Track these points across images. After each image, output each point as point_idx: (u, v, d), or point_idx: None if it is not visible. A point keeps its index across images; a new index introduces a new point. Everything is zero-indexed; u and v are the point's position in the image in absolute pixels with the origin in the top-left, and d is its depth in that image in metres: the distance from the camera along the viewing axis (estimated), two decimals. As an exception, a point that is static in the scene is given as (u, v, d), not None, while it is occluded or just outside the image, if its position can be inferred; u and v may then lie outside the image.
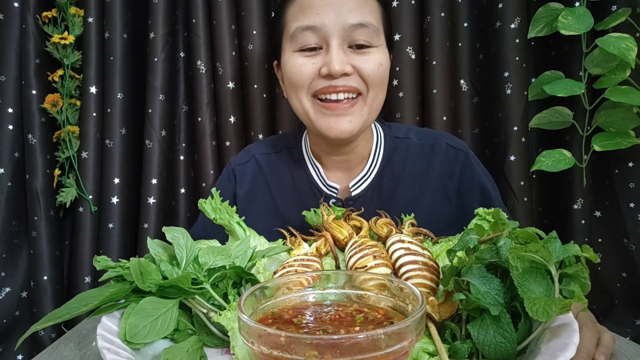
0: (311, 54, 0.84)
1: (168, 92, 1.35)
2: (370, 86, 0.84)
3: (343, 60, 0.81)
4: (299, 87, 0.85)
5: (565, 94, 1.18)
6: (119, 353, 0.49)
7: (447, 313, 0.53)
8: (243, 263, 0.64)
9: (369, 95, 0.85)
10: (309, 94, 0.85)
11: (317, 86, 0.83)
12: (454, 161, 0.94)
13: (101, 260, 0.59)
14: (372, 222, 0.72)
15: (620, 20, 1.14)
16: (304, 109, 0.87)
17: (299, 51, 0.84)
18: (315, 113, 0.86)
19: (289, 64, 0.85)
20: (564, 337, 0.44)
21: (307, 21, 0.82)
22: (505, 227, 0.53)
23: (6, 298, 1.32)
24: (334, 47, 0.81)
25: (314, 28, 0.81)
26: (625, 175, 1.23)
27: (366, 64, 0.83)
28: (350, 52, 0.83)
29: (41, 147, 1.31)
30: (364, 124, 0.87)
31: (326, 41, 0.82)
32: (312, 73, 0.83)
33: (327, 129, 0.85)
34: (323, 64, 0.82)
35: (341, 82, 0.82)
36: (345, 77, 0.82)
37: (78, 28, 1.34)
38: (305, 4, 0.83)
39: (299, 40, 0.83)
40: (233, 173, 1.03)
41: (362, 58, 0.83)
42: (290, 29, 0.84)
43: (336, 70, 0.80)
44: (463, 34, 1.34)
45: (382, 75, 0.85)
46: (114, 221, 1.32)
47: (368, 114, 0.86)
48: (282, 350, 0.39)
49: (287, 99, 0.92)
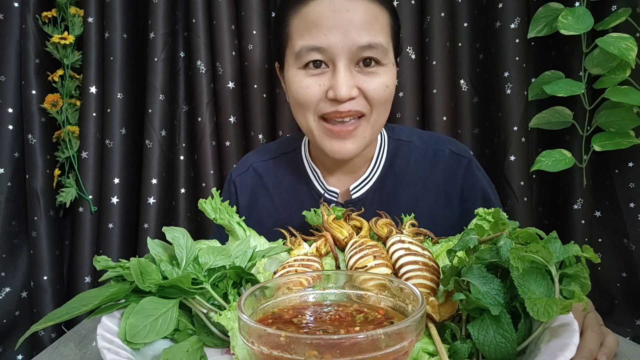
0: (316, 72, 0.82)
1: (168, 92, 1.35)
2: (375, 107, 0.83)
3: (349, 84, 0.80)
4: (305, 108, 0.84)
5: (565, 94, 1.18)
6: (119, 353, 0.49)
7: (447, 313, 0.53)
8: (243, 263, 0.64)
9: (372, 117, 0.84)
10: (315, 115, 0.84)
11: (324, 110, 0.82)
12: (457, 167, 0.94)
13: (101, 260, 0.59)
14: (372, 223, 0.72)
15: (620, 20, 1.14)
16: (309, 128, 0.86)
17: (304, 69, 0.83)
18: (319, 134, 0.86)
19: (294, 82, 0.84)
20: (564, 337, 0.44)
21: (313, 41, 0.80)
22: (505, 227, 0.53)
23: (6, 298, 1.32)
24: (341, 70, 0.79)
25: (321, 49, 0.79)
26: (625, 175, 1.23)
27: (372, 85, 0.81)
28: (357, 72, 0.81)
29: (41, 147, 1.31)
30: (367, 144, 0.87)
31: (333, 62, 0.80)
32: (319, 95, 0.82)
33: (331, 151, 0.85)
34: (329, 86, 0.81)
35: (347, 107, 0.81)
36: (351, 100, 0.81)
37: (78, 28, 1.34)
38: (311, 21, 0.80)
39: (304, 59, 0.81)
40: (234, 184, 1.03)
41: (369, 79, 0.81)
42: (295, 46, 0.82)
43: (342, 96, 0.79)
44: (463, 34, 1.34)
45: (387, 98, 0.84)
46: (114, 221, 1.32)
47: (371, 134, 0.86)
48: (282, 350, 0.39)
49: (291, 110, 0.91)
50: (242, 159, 1.08)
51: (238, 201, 1.02)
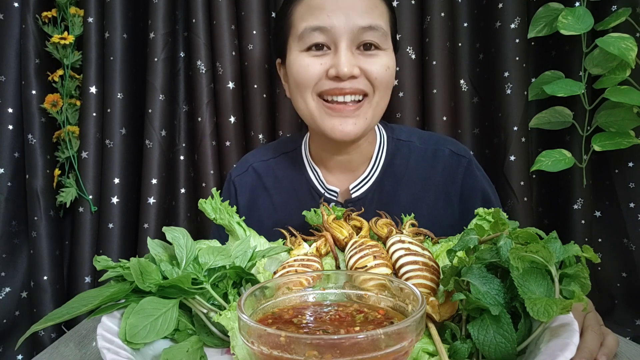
0: (319, 53, 0.83)
1: (168, 92, 1.35)
2: (377, 88, 0.84)
3: (352, 62, 0.81)
4: (304, 86, 0.85)
5: (565, 94, 1.18)
6: (119, 353, 0.49)
7: (447, 313, 0.53)
8: (243, 263, 0.64)
9: (375, 98, 0.85)
10: (314, 93, 0.85)
11: (324, 87, 0.83)
12: (457, 167, 0.94)
13: (101, 260, 0.59)
14: (372, 223, 0.72)
15: (620, 20, 1.14)
16: (309, 109, 0.86)
17: (307, 51, 0.84)
18: (320, 114, 0.86)
19: (295, 63, 0.85)
20: (564, 337, 0.44)
21: (316, 22, 0.82)
22: (505, 227, 0.53)
23: (6, 298, 1.32)
24: (343, 49, 0.81)
25: (324, 29, 0.81)
26: (625, 175, 1.23)
27: (374, 66, 0.83)
28: (358, 54, 0.83)
29: (41, 147, 1.31)
30: (368, 127, 0.87)
31: (335, 42, 0.82)
32: (319, 73, 0.83)
33: (332, 131, 0.85)
34: (331, 65, 0.82)
35: (348, 85, 0.82)
36: (353, 79, 0.82)
37: (78, 28, 1.34)
38: (314, 5, 0.83)
39: (307, 40, 0.83)
40: (233, 185, 1.03)
41: (370, 60, 0.83)
42: (299, 29, 0.84)
43: (344, 73, 0.80)
44: (463, 34, 1.34)
45: (388, 79, 0.86)
46: (114, 221, 1.32)
47: (372, 116, 0.87)
48: (282, 350, 0.39)
49: (290, 97, 0.92)
50: (241, 159, 1.08)
51: (238, 201, 1.02)
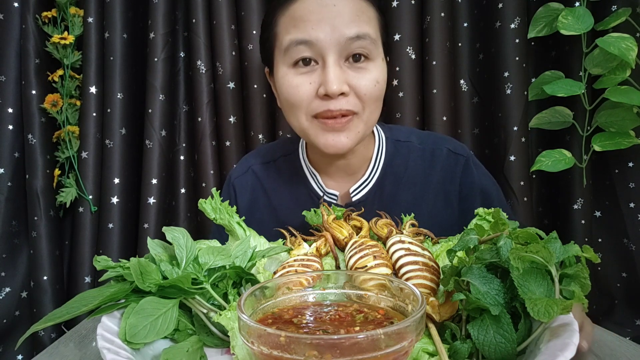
0: (306, 70, 0.81)
1: (168, 92, 1.35)
2: (367, 104, 0.83)
3: (340, 78, 0.79)
4: (297, 108, 0.83)
5: (565, 94, 1.18)
6: (119, 353, 0.49)
7: (447, 313, 0.53)
8: (243, 263, 0.64)
9: (365, 113, 0.84)
10: (308, 114, 0.83)
11: (316, 109, 0.82)
12: (455, 166, 0.94)
13: (101, 260, 0.59)
14: (372, 223, 0.72)
15: (620, 20, 1.14)
16: (302, 128, 0.85)
17: (294, 67, 0.82)
18: (314, 132, 0.84)
19: (284, 82, 0.83)
20: (564, 337, 0.44)
21: (300, 35, 0.79)
22: (505, 227, 0.53)
23: (6, 298, 1.32)
24: (331, 65, 0.78)
25: (309, 42, 0.79)
26: (625, 175, 1.23)
27: (363, 81, 0.81)
28: (347, 67, 0.81)
29: (41, 147, 1.31)
30: (361, 138, 0.87)
31: (322, 56, 0.79)
32: (310, 94, 0.81)
33: (325, 146, 0.84)
34: (320, 83, 0.80)
35: (338, 106, 0.80)
36: (342, 96, 0.80)
37: (78, 28, 1.34)
38: (298, 16, 0.80)
39: (293, 54, 0.81)
40: (233, 187, 1.03)
41: (359, 75, 0.81)
42: (283, 42, 0.82)
43: (333, 91, 0.78)
44: (463, 34, 1.34)
45: (378, 94, 0.84)
46: (114, 221, 1.32)
47: (364, 129, 0.86)
48: (282, 350, 0.39)
49: (282, 110, 0.90)
50: (241, 160, 1.07)
51: (237, 203, 1.01)
